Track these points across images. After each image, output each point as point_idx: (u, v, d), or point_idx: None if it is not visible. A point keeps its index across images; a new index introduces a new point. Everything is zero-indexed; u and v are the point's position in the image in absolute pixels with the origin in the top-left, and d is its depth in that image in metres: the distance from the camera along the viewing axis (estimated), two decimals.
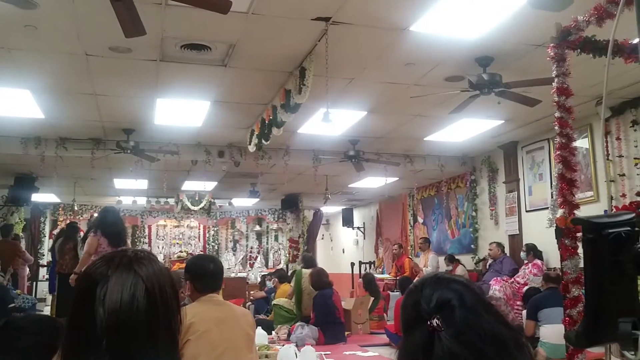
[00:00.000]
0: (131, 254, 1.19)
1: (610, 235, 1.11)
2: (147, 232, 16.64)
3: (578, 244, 2.88)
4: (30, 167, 9.81)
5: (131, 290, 1.12)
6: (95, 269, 1.16)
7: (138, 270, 1.15)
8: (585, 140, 7.43)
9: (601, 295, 1.14)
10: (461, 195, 10.84)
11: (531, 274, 7.79)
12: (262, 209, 16.46)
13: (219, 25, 4.68)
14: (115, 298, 1.09)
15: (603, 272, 1.12)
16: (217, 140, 8.82)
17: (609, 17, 2.89)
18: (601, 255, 1.12)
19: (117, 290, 1.11)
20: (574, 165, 3.04)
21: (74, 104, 6.89)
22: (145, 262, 1.19)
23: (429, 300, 1.15)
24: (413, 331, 1.14)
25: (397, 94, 6.51)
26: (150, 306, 1.13)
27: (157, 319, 1.14)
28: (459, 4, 4.37)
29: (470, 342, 1.07)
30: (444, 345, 1.07)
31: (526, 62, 5.53)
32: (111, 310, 1.08)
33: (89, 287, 1.12)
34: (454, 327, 1.09)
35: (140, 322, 1.11)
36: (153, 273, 1.17)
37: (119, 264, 1.15)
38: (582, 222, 1.21)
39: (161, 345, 1.14)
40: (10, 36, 4.87)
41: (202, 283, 3.11)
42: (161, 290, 1.16)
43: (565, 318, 2.92)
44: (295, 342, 6.34)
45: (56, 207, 14.62)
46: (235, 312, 3.19)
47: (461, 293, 1.15)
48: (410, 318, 1.17)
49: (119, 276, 1.13)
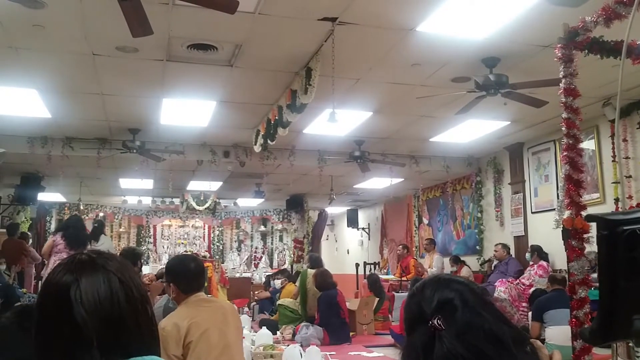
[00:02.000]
0: (88, 254, 1.20)
1: (625, 232, 1.10)
2: (152, 232, 16.67)
3: (585, 246, 2.86)
4: (37, 166, 9.84)
5: (106, 285, 1.13)
6: (59, 276, 1.14)
7: (105, 266, 1.16)
8: (591, 142, 7.40)
9: (615, 292, 1.13)
10: (466, 196, 10.82)
11: (536, 276, 7.77)
12: (267, 209, 16.47)
13: (226, 26, 4.69)
14: (92, 297, 1.10)
15: (617, 268, 1.11)
16: (223, 140, 8.83)
17: (617, 18, 2.88)
18: (616, 252, 1.11)
19: (92, 289, 1.11)
20: (580, 166, 3.02)
21: (81, 103, 6.91)
22: (106, 257, 1.20)
23: (430, 300, 1.15)
24: (415, 332, 1.15)
25: (403, 94, 6.50)
26: (128, 296, 1.15)
27: (137, 307, 1.16)
28: (466, 5, 4.36)
29: (471, 341, 1.07)
30: (445, 345, 1.07)
31: (533, 63, 5.52)
32: (92, 310, 1.09)
33: (59, 295, 1.11)
34: (454, 327, 1.09)
35: (123, 314, 1.13)
36: (120, 266, 1.19)
37: (83, 266, 1.15)
38: (597, 219, 1.20)
39: (147, 332, 1.17)
40: (18, 35, 4.89)
41: (186, 284, 3.05)
42: (132, 280, 1.19)
43: (572, 319, 2.91)
44: (300, 342, 6.34)
45: (62, 206, 14.65)
46: (225, 307, 3.19)
47: (462, 292, 1.15)
48: (412, 319, 1.18)
49: (89, 276, 1.13)
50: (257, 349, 5.30)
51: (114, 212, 15.94)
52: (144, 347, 1.14)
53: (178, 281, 3.06)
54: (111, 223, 15.83)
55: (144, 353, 1.13)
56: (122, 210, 16.00)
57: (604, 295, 1.19)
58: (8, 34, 4.84)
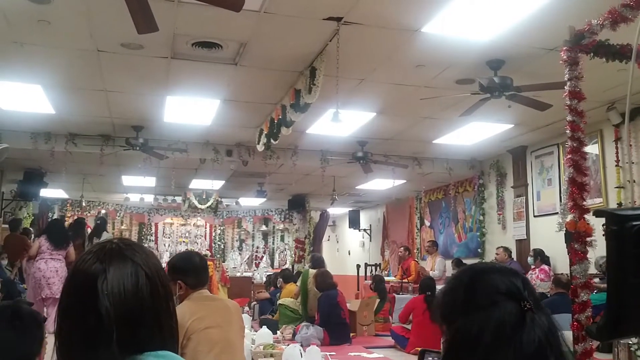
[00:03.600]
0: (118, 244, 1.18)
1: (635, 228, 1.08)
2: (154, 229, 16.69)
3: (588, 249, 2.85)
4: (40, 162, 9.86)
5: (133, 278, 1.12)
6: (88, 264, 1.13)
7: (133, 258, 1.15)
8: (595, 146, 7.38)
9: (624, 288, 1.12)
10: (469, 199, 10.80)
11: (538, 279, 7.75)
12: (269, 209, 16.47)
13: (231, 24, 4.69)
14: (118, 289, 1.09)
15: (626, 264, 1.09)
16: (226, 139, 8.83)
17: (623, 21, 2.87)
18: (625, 247, 1.10)
19: (118, 281, 1.10)
20: (584, 170, 3.01)
21: (85, 99, 6.92)
22: (135, 249, 1.19)
23: (520, 287, 1.11)
24: (493, 308, 1.09)
25: (407, 95, 6.50)
26: (153, 291, 1.14)
27: (159, 303, 1.15)
28: (471, 6, 4.35)
29: (552, 342, 1.04)
30: (541, 324, 1.04)
31: (538, 65, 5.51)
32: (117, 301, 1.08)
33: (86, 283, 1.10)
34: (543, 315, 1.06)
35: (146, 309, 1.11)
36: (147, 259, 1.17)
37: (111, 255, 1.14)
38: (606, 214, 1.19)
39: (166, 328, 1.15)
40: (24, 31, 4.90)
41: (194, 278, 3.06)
42: (159, 275, 1.17)
43: (574, 323, 2.90)
44: (300, 342, 6.33)
45: (64, 202, 14.67)
46: (228, 305, 3.19)
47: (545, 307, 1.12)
48: (490, 293, 1.12)
49: (117, 267, 1.12)
50: (257, 348, 5.29)
51: (116, 210, 15.97)
52: (161, 344, 1.13)
53: (187, 276, 3.05)
54: (113, 220, 15.86)
55: (160, 348, 1.11)
56: (124, 207, 16.02)
57: (612, 291, 1.18)
58: (13, 29, 4.85)
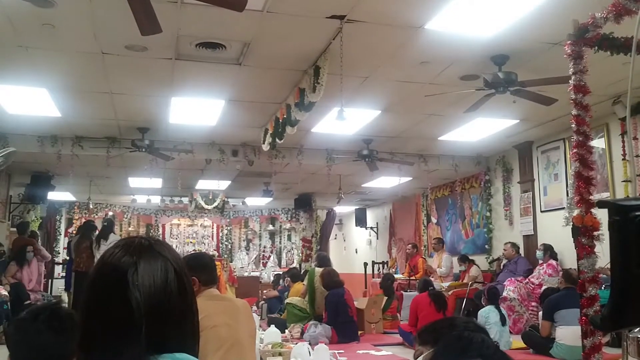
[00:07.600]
0: (147, 239, 1.17)
1: (638, 218, 1.08)
2: (161, 230, 16.74)
3: (595, 243, 2.84)
4: (47, 165, 9.91)
5: (163, 273, 1.10)
6: (117, 257, 1.11)
7: (163, 253, 1.13)
8: (601, 140, 7.35)
9: (627, 278, 1.12)
10: (475, 195, 10.78)
11: (546, 275, 7.73)
12: (276, 208, 16.49)
13: (234, 24, 4.70)
14: (149, 282, 1.07)
15: (629, 254, 1.09)
16: (231, 139, 8.84)
17: (627, 14, 2.85)
18: (628, 237, 1.09)
19: (149, 275, 1.08)
20: (591, 164, 3.00)
21: (90, 102, 6.94)
22: (164, 244, 1.18)
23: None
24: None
25: (412, 92, 6.49)
26: (180, 287, 1.12)
27: (185, 300, 1.13)
28: (474, 2, 4.34)
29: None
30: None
31: (542, 60, 5.49)
32: (147, 294, 1.06)
33: (115, 276, 1.08)
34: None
35: (173, 306, 1.10)
36: (176, 256, 1.16)
37: (142, 249, 1.12)
38: (608, 204, 1.18)
39: (189, 327, 1.14)
40: (28, 35, 4.92)
41: (207, 275, 3.13)
42: (185, 272, 1.16)
43: (582, 317, 2.89)
44: (308, 340, 6.34)
45: (72, 205, 14.74)
46: (237, 305, 3.21)
47: None
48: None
49: (147, 260, 1.10)
50: (265, 347, 5.31)
51: (123, 211, 16.03)
52: (182, 344, 1.10)
53: (200, 273, 3.09)
54: (120, 222, 15.91)
55: (178, 350, 1.09)
56: (131, 209, 16.09)
57: (616, 282, 1.17)
58: (18, 33, 4.88)
